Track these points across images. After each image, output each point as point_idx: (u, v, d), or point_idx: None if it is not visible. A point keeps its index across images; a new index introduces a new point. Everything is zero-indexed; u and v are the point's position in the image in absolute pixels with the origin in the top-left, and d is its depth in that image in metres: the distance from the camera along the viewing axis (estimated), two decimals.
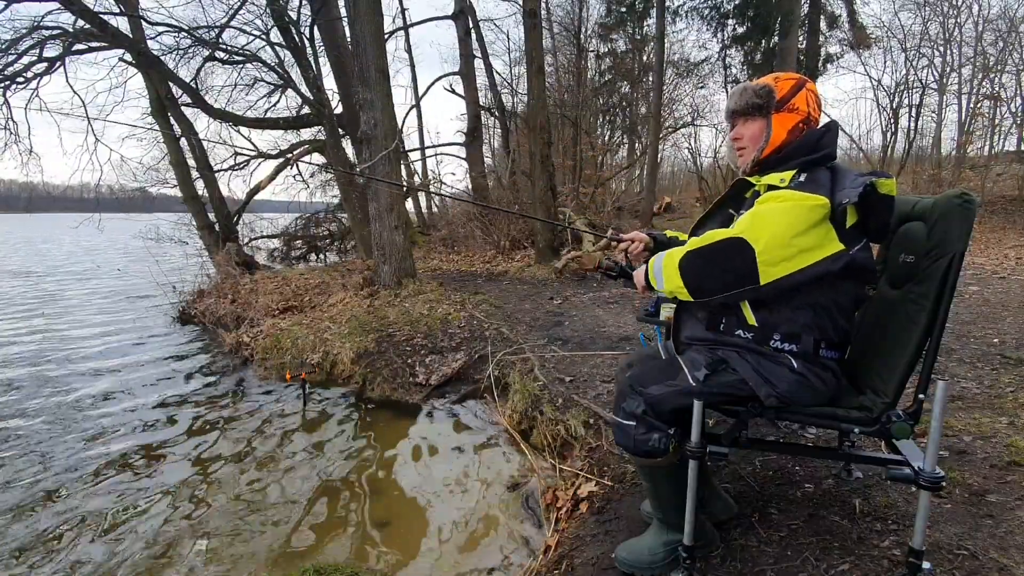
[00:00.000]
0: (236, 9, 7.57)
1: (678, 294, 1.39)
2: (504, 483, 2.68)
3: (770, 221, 1.25)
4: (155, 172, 9.25)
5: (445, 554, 2.19)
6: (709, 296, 1.34)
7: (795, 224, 1.23)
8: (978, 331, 3.67)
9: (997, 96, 11.26)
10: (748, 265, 1.25)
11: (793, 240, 1.23)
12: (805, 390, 1.35)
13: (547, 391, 3.13)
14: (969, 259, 6.81)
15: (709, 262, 1.32)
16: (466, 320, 4.70)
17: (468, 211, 9.74)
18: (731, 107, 1.47)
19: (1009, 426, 2.18)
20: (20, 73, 7.15)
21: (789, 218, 1.24)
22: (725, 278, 1.30)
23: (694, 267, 1.34)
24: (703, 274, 1.33)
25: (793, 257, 1.24)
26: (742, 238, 1.26)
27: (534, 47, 7.21)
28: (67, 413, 3.83)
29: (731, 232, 1.30)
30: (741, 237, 1.26)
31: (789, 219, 1.24)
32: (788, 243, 1.23)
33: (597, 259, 7.31)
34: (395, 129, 5.91)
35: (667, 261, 1.40)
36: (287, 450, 3.17)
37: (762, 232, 1.25)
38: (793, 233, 1.23)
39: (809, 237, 1.24)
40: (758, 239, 1.24)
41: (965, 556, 1.43)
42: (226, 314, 6.24)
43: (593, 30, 13.83)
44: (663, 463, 1.44)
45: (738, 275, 1.27)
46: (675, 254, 1.38)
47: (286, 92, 8.74)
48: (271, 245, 10.55)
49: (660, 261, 1.43)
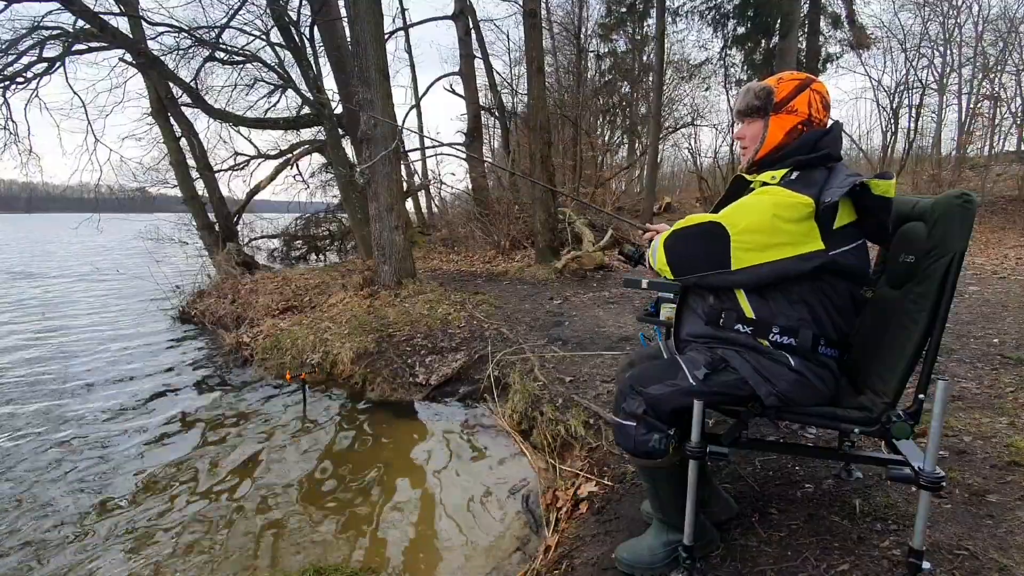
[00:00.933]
0: (236, 9, 7.57)
1: (664, 272, 1.46)
2: (504, 483, 2.68)
3: (749, 211, 1.30)
4: (155, 172, 9.27)
5: (445, 554, 2.19)
6: (687, 274, 1.42)
7: (773, 218, 1.26)
8: (978, 331, 3.67)
9: (997, 96, 11.28)
10: (722, 249, 1.31)
11: (767, 232, 1.27)
12: (804, 389, 1.35)
13: (547, 391, 3.13)
14: (969, 259, 6.81)
15: (688, 243, 1.40)
16: (466, 320, 4.70)
17: (468, 211, 9.74)
18: (736, 107, 1.51)
19: (1009, 426, 2.18)
20: (20, 73, 7.15)
21: (768, 211, 1.27)
22: (700, 259, 1.37)
23: (676, 246, 1.43)
24: (682, 254, 1.41)
25: (764, 248, 1.28)
26: (720, 223, 1.32)
27: (534, 47, 7.21)
28: (65, 413, 3.83)
29: (712, 216, 1.36)
30: (719, 222, 1.33)
31: (768, 212, 1.27)
32: (761, 233, 1.27)
33: (598, 259, 7.32)
34: (395, 129, 5.91)
35: (659, 240, 1.48)
36: (287, 450, 3.17)
37: (740, 220, 1.30)
38: (770, 226, 1.26)
39: (785, 233, 1.26)
40: (734, 225, 1.30)
41: (965, 556, 1.43)
42: (226, 314, 6.24)
43: (593, 30, 13.84)
44: (663, 463, 1.44)
45: (711, 258, 1.34)
46: (666, 233, 1.47)
47: (286, 92, 8.74)
48: (271, 245, 10.55)
49: (657, 240, 1.50)
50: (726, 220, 1.32)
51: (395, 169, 5.89)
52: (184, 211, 8.81)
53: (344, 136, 7.96)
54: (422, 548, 2.24)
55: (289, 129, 9.02)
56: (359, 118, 5.69)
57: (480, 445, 3.12)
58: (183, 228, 9.13)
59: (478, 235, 9.35)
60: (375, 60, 5.42)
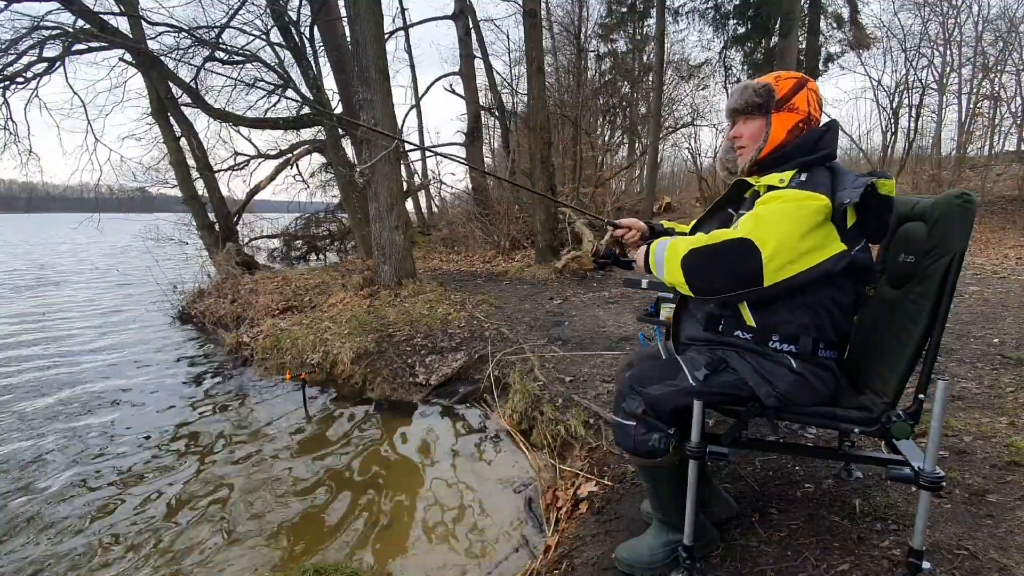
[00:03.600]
0: (236, 9, 7.57)
1: (678, 288, 1.38)
2: (504, 483, 2.68)
3: (776, 223, 1.24)
4: (155, 172, 9.27)
5: (445, 554, 2.19)
6: (711, 295, 1.34)
7: (801, 225, 1.23)
8: (978, 331, 3.67)
9: (997, 96, 11.26)
10: (755, 268, 1.24)
11: (799, 242, 1.23)
12: (804, 390, 1.35)
13: (547, 391, 3.13)
14: (969, 259, 6.81)
15: (713, 262, 1.31)
16: (466, 320, 4.70)
17: (468, 211, 9.74)
18: (731, 105, 1.47)
19: (1009, 426, 2.18)
20: (20, 73, 7.14)
21: (795, 219, 1.23)
22: (729, 279, 1.28)
23: (697, 265, 1.32)
24: (707, 273, 1.32)
25: (798, 259, 1.24)
26: (750, 240, 1.24)
27: (534, 47, 7.21)
28: (62, 412, 3.83)
29: (737, 233, 1.28)
30: (748, 239, 1.25)
31: (795, 220, 1.23)
32: (795, 246, 1.23)
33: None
34: (395, 129, 5.91)
35: (670, 253, 1.37)
36: (287, 450, 3.17)
37: (769, 235, 1.23)
38: (800, 235, 1.23)
39: (813, 238, 1.24)
40: (765, 242, 1.23)
41: (965, 556, 1.43)
42: (226, 314, 6.24)
43: (593, 30, 13.84)
44: (663, 463, 1.44)
45: (742, 277, 1.26)
46: (679, 246, 1.36)
47: (286, 92, 8.74)
48: (271, 245, 10.55)
49: (663, 250, 1.40)
50: (754, 235, 1.24)
51: (395, 169, 5.89)
52: (184, 211, 8.80)
53: (344, 136, 7.96)
54: (422, 548, 2.24)
55: (289, 129, 9.02)
56: (359, 118, 5.69)
57: (480, 445, 3.12)
58: (183, 228, 9.12)
59: (478, 235, 9.35)
60: (375, 60, 5.43)
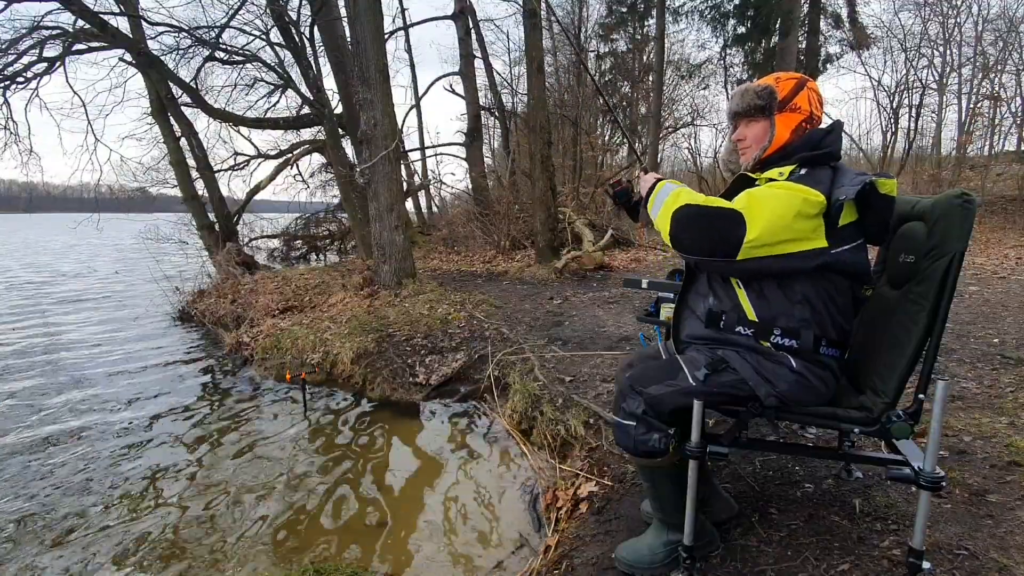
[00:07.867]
0: (236, 9, 7.57)
1: (660, 232, 1.40)
2: (504, 483, 2.68)
3: (768, 205, 1.26)
4: (155, 172, 9.28)
5: (445, 554, 2.19)
6: (686, 252, 1.36)
7: (788, 212, 1.25)
8: (978, 331, 3.67)
9: (997, 96, 11.26)
10: (735, 240, 1.26)
11: (783, 230, 1.25)
12: (805, 390, 1.35)
13: (547, 391, 3.13)
14: (969, 259, 6.80)
15: (702, 221, 1.32)
16: (466, 320, 4.70)
17: (468, 211, 9.74)
18: (733, 108, 1.48)
19: (1009, 426, 2.18)
20: (20, 73, 7.15)
21: (786, 205, 1.25)
22: (708, 242, 1.31)
23: (687, 220, 1.33)
24: (692, 230, 1.33)
25: (775, 245, 1.26)
26: (742, 214, 1.27)
27: (534, 47, 7.20)
28: (63, 412, 3.83)
29: (733, 205, 1.30)
30: (741, 212, 1.27)
31: (786, 206, 1.25)
32: (778, 232, 1.25)
33: (598, 259, 7.32)
34: (395, 129, 5.91)
35: (671, 199, 1.38)
36: (287, 450, 3.17)
37: (760, 215, 1.25)
38: (786, 222, 1.25)
39: (795, 229, 1.25)
40: (754, 220, 1.25)
41: (965, 556, 1.43)
42: (226, 314, 6.24)
43: (593, 30, 13.83)
44: (663, 463, 1.44)
45: (721, 245, 1.28)
46: (681, 196, 1.36)
47: (286, 92, 8.75)
48: (271, 245, 10.56)
49: (666, 193, 1.41)
50: (747, 212, 1.26)
51: (395, 169, 5.88)
52: (184, 211, 8.80)
53: (344, 136, 7.97)
54: (422, 548, 2.24)
55: (289, 129, 9.03)
56: (359, 118, 5.69)
57: (480, 445, 3.12)
58: (183, 228, 9.12)
59: (478, 235, 9.35)
60: (375, 60, 5.42)
